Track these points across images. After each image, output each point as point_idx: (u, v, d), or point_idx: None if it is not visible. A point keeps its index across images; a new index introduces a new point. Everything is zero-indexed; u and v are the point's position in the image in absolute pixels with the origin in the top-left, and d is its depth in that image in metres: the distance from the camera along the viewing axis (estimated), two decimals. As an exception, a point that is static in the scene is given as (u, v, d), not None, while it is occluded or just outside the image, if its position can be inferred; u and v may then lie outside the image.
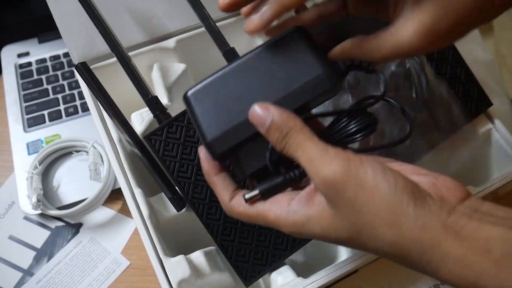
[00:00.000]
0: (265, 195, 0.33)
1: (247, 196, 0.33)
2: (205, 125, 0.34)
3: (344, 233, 0.30)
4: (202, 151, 0.36)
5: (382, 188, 0.28)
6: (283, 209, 0.32)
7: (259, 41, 0.60)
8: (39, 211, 0.61)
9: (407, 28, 0.31)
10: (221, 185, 0.35)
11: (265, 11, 0.33)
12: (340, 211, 0.29)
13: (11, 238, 0.62)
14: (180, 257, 0.44)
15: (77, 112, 0.71)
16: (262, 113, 0.32)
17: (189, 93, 0.35)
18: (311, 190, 0.32)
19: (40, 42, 0.78)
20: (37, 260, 0.61)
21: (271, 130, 0.31)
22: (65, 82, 0.73)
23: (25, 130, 0.69)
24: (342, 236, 0.30)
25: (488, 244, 0.26)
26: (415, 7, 0.31)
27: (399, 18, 0.32)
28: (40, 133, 0.69)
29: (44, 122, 0.70)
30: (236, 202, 0.34)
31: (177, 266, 0.44)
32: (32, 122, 0.70)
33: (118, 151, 0.51)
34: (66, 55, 0.76)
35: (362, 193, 0.28)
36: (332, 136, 0.34)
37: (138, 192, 0.48)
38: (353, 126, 0.33)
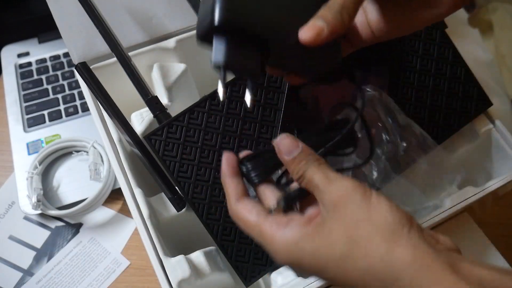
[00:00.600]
0: (288, 205, 0.34)
1: (272, 208, 0.34)
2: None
3: (337, 249, 0.29)
4: (225, 155, 0.37)
5: (384, 208, 0.29)
6: (280, 225, 0.32)
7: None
8: (39, 211, 0.61)
9: None
10: (231, 185, 0.36)
11: None
12: (339, 224, 0.30)
13: (11, 238, 0.62)
14: (180, 257, 0.44)
15: (77, 112, 0.71)
16: (291, 143, 0.34)
17: None
18: (310, 215, 0.33)
19: (40, 42, 0.78)
20: (37, 260, 0.61)
21: (296, 160, 0.33)
22: (65, 82, 0.73)
23: (25, 130, 0.69)
24: (335, 253, 0.29)
25: (481, 279, 0.26)
26: None
27: None
28: (40, 133, 0.69)
29: (44, 122, 0.70)
30: (242, 206, 0.34)
31: (177, 266, 0.44)
32: (32, 122, 0.70)
33: (118, 151, 0.51)
34: (66, 55, 0.76)
35: (365, 207, 0.29)
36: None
37: (138, 192, 0.48)
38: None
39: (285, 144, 0.34)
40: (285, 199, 0.34)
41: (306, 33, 0.32)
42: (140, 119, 0.51)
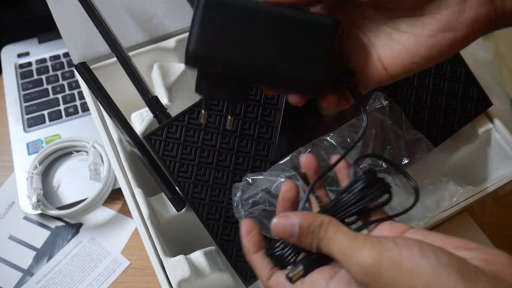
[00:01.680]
0: (307, 271, 0.32)
1: (290, 274, 0.32)
2: (201, 32, 0.33)
3: None
4: (244, 225, 0.35)
5: (422, 269, 0.25)
6: None
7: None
8: (39, 211, 0.61)
9: None
10: (259, 264, 0.34)
11: None
12: None
13: (11, 238, 0.62)
14: (180, 257, 0.44)
15: (77, 112, 0.71)
16: (285, 225, 0.31)
17: None
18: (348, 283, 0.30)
19: (40, 42, 0.78)
20: (37, 260, 0.61)
21: (302, 236, 0.31)
22: (65, 82, 0.73)
23: (25, 130, 0.69)
24: None
25: None
26: None
27: None
28: (40, 133, 0.69)
29: (44, 122, 0.70)
30: (274, 281, 0.33)
31: (177, 266, 0.44)
32: (32, 122, 0.70)
33: (118, 151, 0.51)
34: (66, 55, 0.76)
35: (400, 277, 0.26)
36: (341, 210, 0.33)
37: (138, 192, 0.48)
38: (364, 201, 0.33)
39: (280, 230, 0.31)
40: (305, 267, 0.32)
41: None
42: (140, 119, 0.51)
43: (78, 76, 0.53)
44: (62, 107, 0.71)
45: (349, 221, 0.33)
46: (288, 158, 0.45)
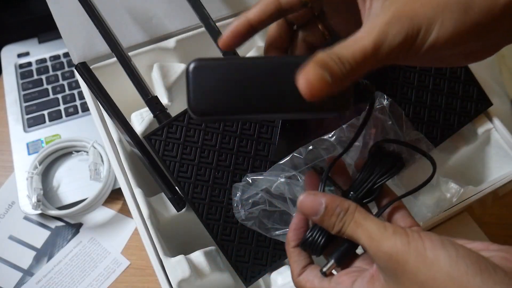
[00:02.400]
0: (339, 262, 0.33)
1: (324, 269, 0.33)
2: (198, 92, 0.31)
3: None
4: (296, 219, 0.35)
5: (442, 259, 0.27)
6: None
7: (259, 41, 0.60)
8: (39, 211, 0.61)
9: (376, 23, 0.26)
10: (295, 257, 0.35)
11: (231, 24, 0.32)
12: (402, 286, 0.28)
13: (11, 238, 0.62)
14: (180, 257, 0.44)
15: (77, 112, 0.71)
16: (312, 202, 0.32)
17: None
18: (374, 271, 0.31)
19: (40, 42, 0.78)
20: (37, 260, 0.61)
21: (326, 216, 0.31)
22: (65, 82, 0.73)
23: (25, 130, 0.69)
24: None
25: None
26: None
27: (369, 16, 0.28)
28: (40, 133, 0.69)
29: (44, 122, 0.70)
30: (303, 278, 0.34)
31: (177, 266, 0.44)
32: (32, 122, 0.70)
33: (118, 151, 0.51)
34: (66, 55, 0.76)
35: (423, 265, 0.27)
36: (361, 187, 0.35)
37: (138, 192, 0.48)
38: (376, 173, 0.35)
39: (307, 206, 0.32)
40: (336, 259, 0.33)
41: (303, 85, 0.26)
42: (140, 119, 0.51)
43: (78, 76, 0.53)
44: (62, 107, 0.71)
45: (366, 200, 0.35)
46: (288, 158, 0.45)
